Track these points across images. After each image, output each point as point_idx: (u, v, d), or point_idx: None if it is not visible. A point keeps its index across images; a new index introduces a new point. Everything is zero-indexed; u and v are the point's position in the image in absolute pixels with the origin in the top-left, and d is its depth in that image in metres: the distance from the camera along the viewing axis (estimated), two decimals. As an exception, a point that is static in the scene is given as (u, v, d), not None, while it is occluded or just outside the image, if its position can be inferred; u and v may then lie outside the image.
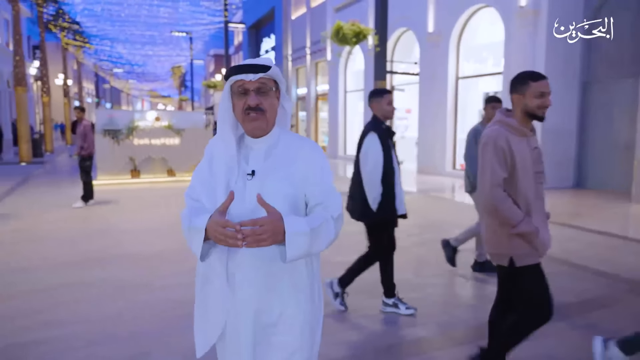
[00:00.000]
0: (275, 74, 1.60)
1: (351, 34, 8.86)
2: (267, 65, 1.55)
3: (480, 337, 3.35)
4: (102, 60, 45.38)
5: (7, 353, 3.09)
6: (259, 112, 1.57)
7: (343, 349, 3.15)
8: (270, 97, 1.59)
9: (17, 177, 12.85)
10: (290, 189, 1.58)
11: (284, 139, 1.66)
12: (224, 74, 4.97)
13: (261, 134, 1.62)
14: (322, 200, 1.61)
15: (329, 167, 1.67)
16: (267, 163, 1.61)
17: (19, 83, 16.84)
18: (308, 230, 1.46)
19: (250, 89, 1.55)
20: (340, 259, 5.28)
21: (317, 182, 1.62)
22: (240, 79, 1.57)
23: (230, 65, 23.57)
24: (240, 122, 1.61)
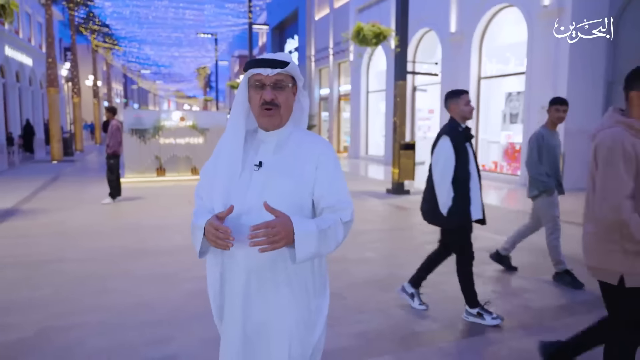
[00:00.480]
0: (293, 70, 1.60)
1: (371, 35, 8.96)
2: (286, 61, 1.56)
3: (487, 333, 3.44)
4: (131, 62, 46.50)
5: (42, 336, 3.32)
6: (274, 108, 1.58)
7: (355, 339, 3.27)
8: (286, 92, 1.60)
9: (48, 174, 13.36)
10: (294, 185, 1.57)
11: (296, 136, 1.66)
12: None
13: (273, 128, 1.63)
14: (333, 204, 1.59)
15: (341, 169, 1.66)
16: (276, 157, 1.62)
17: (52, 84, 17.45)
18: (316, 231, 1.46)
19: (267, 83, 1.57)
20: (356, 255, 5.43)
21: (328, 185, 1.59)
22: (258, 73, 1.58)
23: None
24: (256, 115, 1.62)
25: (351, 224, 1.62)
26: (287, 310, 1.58)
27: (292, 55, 30.08)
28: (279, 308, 1.57)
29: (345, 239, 1.59)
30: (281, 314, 1.57)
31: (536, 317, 3.67)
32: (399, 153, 9.65)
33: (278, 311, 1.57)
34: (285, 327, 1.58)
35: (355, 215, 1.66)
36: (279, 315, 1.57)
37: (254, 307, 1.58)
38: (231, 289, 1.60)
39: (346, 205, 1.60)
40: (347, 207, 1.60)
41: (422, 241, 6.11)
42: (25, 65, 27.75)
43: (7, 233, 6.35)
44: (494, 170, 12.75)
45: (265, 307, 1.57)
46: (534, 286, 4.39)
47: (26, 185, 11.05)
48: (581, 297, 4.10)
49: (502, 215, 7.85)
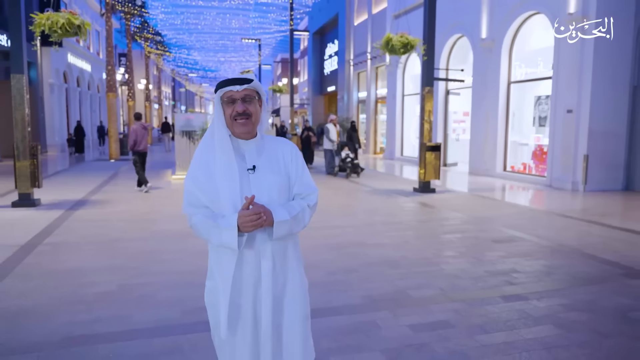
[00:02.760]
0: (258, 86, 1.91)
1: (399, 45, 9.71)
2: (250, 78, 1.88)
3: (470, 298, 4.20)
4: (180, 67, 48.80)
5: (123, 290, 4.33)
6: (246, 117, 1.87)
7: (361, 300, 4.11)
8: (254, 104, 1.90)
9: (108, 171, 14.83)
10: (281, 178, 1.94)
11: (268, 140, 2.02)
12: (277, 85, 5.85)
13: (249, 136, 1.93)
14: (301, 191, 2.00)
15: (303, 160, 2.06)
16: (262, 159, 1.95)
17: (110, 89, 19.08)
18: (289, 218, 1.85)
19: (237, 98, 1.86)
20: (374, 241, 6.27)
21: (298, 176, 1.99)
22: (229, 90, 1.87)
23: (294, 70, 24.92)
24: (229, 127, 1.90)
25: (316, 206, 2.05)
26: (297, 273, 2.01)
27: (332, 59, 30.99)
28: (292, 272, 1.99)
29: (311, 218, 2.02)
30: (294, 277, 1.99)
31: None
32: (425, 154, 10.34)
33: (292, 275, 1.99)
34: (297, 287, 1.99)
35: (379, 209, 2.42)
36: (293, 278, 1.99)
37: (277, 275, 1.93)
38: (257, 267, 1.90)
39: (312, 191, 2.02)
40: (313, 193, 2.02)
41: (438, 232, 6.85)
42: (84, 71, 29.98)
43: (82, 218, 7.55)
44: (523, 172, 13.18)
45: (284, 274, 1.96)
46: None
47: (91, 180, 12.46)
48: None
49: (534, 216, 8.43)
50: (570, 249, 5.84)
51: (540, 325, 3.60)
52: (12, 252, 5.54)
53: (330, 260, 5.29)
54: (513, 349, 3.23)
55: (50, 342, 3.31)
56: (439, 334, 3.45)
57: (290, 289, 1.97)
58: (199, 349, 3.19)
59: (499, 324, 3.63)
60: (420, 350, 3.20)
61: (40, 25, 8.07)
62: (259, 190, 1.87)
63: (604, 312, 3.86)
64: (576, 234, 6.69)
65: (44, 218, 7.47)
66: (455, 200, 9.55)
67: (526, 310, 3.88)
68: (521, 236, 6.46)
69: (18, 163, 8.34)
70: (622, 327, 3.58)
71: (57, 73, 24.36)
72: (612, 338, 3.40)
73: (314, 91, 34.81)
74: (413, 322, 3.65)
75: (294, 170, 1.98)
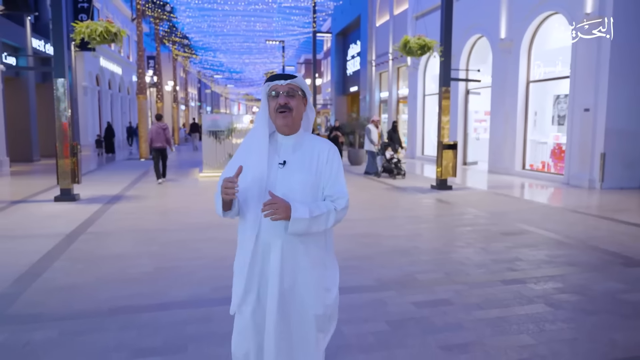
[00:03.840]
0: (301, 82, 2.00)
1: (416, 47, 10.07)
2: (295, 75, 1.99)
3: (472, 282, 4.59)
4: (206, 69, 49.98)
5: (160, 271, 4.86)
6: (288, 110, 1.96)
7: (373, 281, 4.53)
8: (297, 99, 1.98)
9: (140, 169, 15.59)
10: (311, 177, 1.98)
11: (308, 139, 2.08)
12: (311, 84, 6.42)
13: (289, 131, 2.01)
14: (332, 194, 2.02)
15: (342, 165, 2.08)
16: (295, 156, 2.01)
17: (141, 92, 19.91)
18: (308, 217, 1.87)
19: (281, 92, 1.96)
20: (388, 233, 6.69)
21: (331, 178, 2.02)
22: (274, 84, 1.98)
23: (317, 70, 25.43)
24: (273, 119, 2.00)
25: (346, 210, 2.05)
26: (309, 274, 2.03)
27: (354, 60, 31.36)
28: (303, 272, 2.02)
29: (338, 221, 2.03)
30: (305, 277, 2.02)
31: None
32: (442, 152, 10.67)
33: (303, 274, 2.02)
34: (310, 288, 2.03)
35: (397, 204, 2.74)
36: (304, 277, 2.02)
37: (285, 270, 1.99)
38: (267, 259, 1.99)
39: (342, 195, 2.03)
40: (342, 197, 2.03)
41: (450, 225, 7.22)
42: (115, 74, 31.11)
43: (119, 211, 8.17)
44: (542, 170, 13.34)
45: (294, 271, 2.00)
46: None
47: (124, 178, 13.20)
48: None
49: (546, 211, 8.70)
50: (576, 241, 6.14)
51: (532, 304, 3.97)
52: (59, 240, 6.16)
53: (346, 248, 5.72)
54: (504, 322, 3.61)
55: (99, 311, 3.84)
56: (439, 309, 3.86)
57: (300, 288, 2.01)
58: (226, 319, 3.67)
59: (495, 302, 4.01)
60: (421, 322, 3.62)
61: (80, 33, 8.74)
62: (284, 185, 1.95)
63: (594, 294, 4.19)
64: (584, 228, 6.95)
65: (84, 211, 8.12)
66: (471, 197, 9.86)
67: (522, 292, 4.24)
68: (530, 229, 6.77)
69: (60, 161, 9.03)
70: (608, 306, 3.92)
71: (90, 76, 25.44)
72: (596, 315, 3.74)
73: (337, 91, 35.24)
74: (417, 300, 4.06)
75: (327, 171, 2.02)
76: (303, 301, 2.03)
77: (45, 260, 5.22)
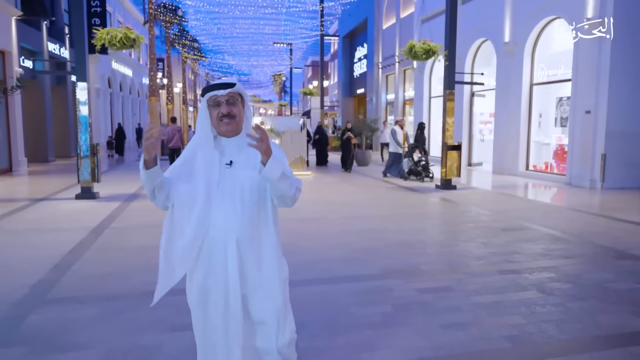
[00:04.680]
0: (240, 89, 2.05)
1: (422, 51, 10.43)
2: (233, 82, 2.03)
3: (472, 272, 4.95)
4: (214, 71, 50.61)
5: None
6: (231, 118, 2.03)
7: (380, 270, 4.91)
8: (237, 105, 2.05)
9: (153, 170, 16.05)
10: (256, 174, 2.02)
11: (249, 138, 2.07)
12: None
13: (233, 135, 2.08)
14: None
15: (285, 156, 2.11)
16: (241, 156, 2.09)
17: (153, 94, 20.40)
18: (282, 170, 1.94)
19: (222, 101, 2.02)
20: (394, 228, 7.05)
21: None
22: (214, 94, 2.02)
23: (324, 73, 25.87)
24: (215, 127, 2.05)
25: (300, 192, 2.10)
26: (273, 269, 2.15)
27: (361, 62, 31.74)
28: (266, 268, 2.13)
29: (295, 198, 2.08)
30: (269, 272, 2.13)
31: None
32: (446, 153, 11.03)
33: (266, 270, 2.13)
34: (273, 280, 2.13)
35: (402, 203, 3.02)
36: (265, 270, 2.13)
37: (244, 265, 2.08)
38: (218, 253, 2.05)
39: (295, 178, 2.09)
40: (297, 180, 2.10)
41: (453, 222, 7.58)
42: (126, 76, 31.69)
43: (138, 208, 8.58)
44: (545, 171, 13.65)
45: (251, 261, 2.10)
46: (525, 250, 5.76)
47: (138, 177, 13.60)
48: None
49: (546, 210, 9.04)
50: (572, 236, 6.48)
51: (526, 291, 4.33)
52: (86, 233, 6.58)
53: (354, 242, 6.10)
54: (499, 305, 3.98)
55: (131, 294, 4.24)
56: (440, 295, 4.23)
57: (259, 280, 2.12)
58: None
59: (492, 289, 4.37)
60: (423, 305, 3.99)
61: (101, 39, 9.19)
62: (233, 184, 2.04)
63: (585, 283, 4.54)
64: (581, 224, 7.29)
65: (105, 208, 8.55)
66: (474, 196, 10.20)
67: (517, 281, 4.60)
68: (529, 226, 7.11)
69: (81, 160, 9.47)
70: (596, 294, 4.27)
71: (102, 79, 25.98)
72: (584, 301, 4.10)
73: (344, 93, 35.64)
74: (420, 287, 4.44)
75: None
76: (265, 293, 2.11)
77: (76, 251, 5.64)
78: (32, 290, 4.34)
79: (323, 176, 14.40)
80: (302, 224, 7.16)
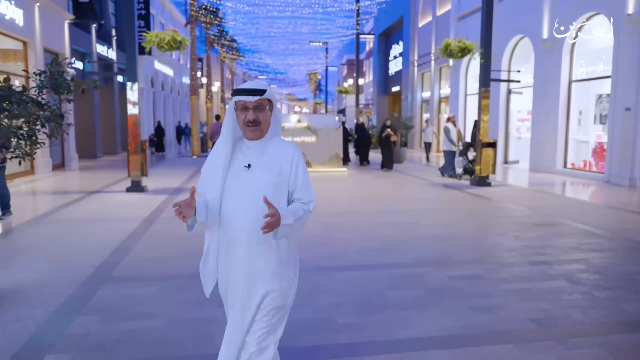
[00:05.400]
0: (270, 95, 2.08)
1: (457, 49, 10.57)
2: (263, 89, 2.05)
3: (503, 262, 5.16)
4: (251, 70, 51.65)
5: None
6: (256, 125, 2.05)
7: (410, 260, 5.19)
8: (265, 112, 2.08)
9: (194, 165, 16.74)
10: (276, 178, 2.08)
11: (274, 142, 2.16)
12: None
13: (257, 139, 2.11)
14: (301, 197, 2.15)
15: (305, 167, 2.19)
16: (261, 159, 2.11)
17: (194, 93, 21.16)
18: (293, 221, 2.00)
19: (249, 107, 2.04)
20: (427, 222, 7.27)
21: (297, 179, 2.13)
22: (242, 100, 2.04)
23: (358, 71, 26.14)
24: (242, 130, 2.10)
25: (310, 212, 2.18)
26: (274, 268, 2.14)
27: (396, 60, 31.77)
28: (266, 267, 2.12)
29: (307, 220, 2.15)
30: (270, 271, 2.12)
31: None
32: (481, 150, 11.12)
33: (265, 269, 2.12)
34: (275, 278, 2.13)
35: (436, 199, 3.25)
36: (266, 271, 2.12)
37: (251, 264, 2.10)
38: (233, 255, 2.12)
39: (312, 199, 2.18)
40: (312, 201, 2.17)
41: (486, 217, 7.75)
42: (168, 76, 32.80)
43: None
44: (583, 169, 13.50)
45: (257, 264, 2.11)
46: (557, 244, 5.91)
47: (182, 172, 14.31)
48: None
49: (581, 206, 9.08)
50: (605, 231, 6.55)
51: (554, 280, 4.53)
52: (139, 223, 7.12)
53: (388, 234, 6.39)
54: (527, 292, 4.20)
55: (184, 275, 4.68)
56: (471, 282, 4.48)
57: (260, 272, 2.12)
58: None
59: (521, 278, 4.59)
60: (455, 290, 4.25)
61: (150, 42, 9.78)
62: (251, 187, 2.05)
63: (612, 274, 4.69)
64: (616, 221, 7.33)
65: (154, 200, 9.13)
66: (508, 193, 10.28)
67: (546, 271, 4.79)
68: (563, 222, 7.21)
69: (131, 156, 10.10)
70: (622, 284, 4.42)
71: (146, 79, 27.04)
72: (610, 290, 4.27)
73: (379, 91, 35.74)
74: (452, 274, 4.70)
75: (293, 174, 2.14)
76: (264, 281, 2.13)
77: (132, 239, 6.16)
78: (97, 270, 4.84)
79: (359, 173, 14.70)
80: (338, 217, 7.50)
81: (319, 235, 6.22)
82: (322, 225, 6.81)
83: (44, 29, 14.00)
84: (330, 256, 5.33)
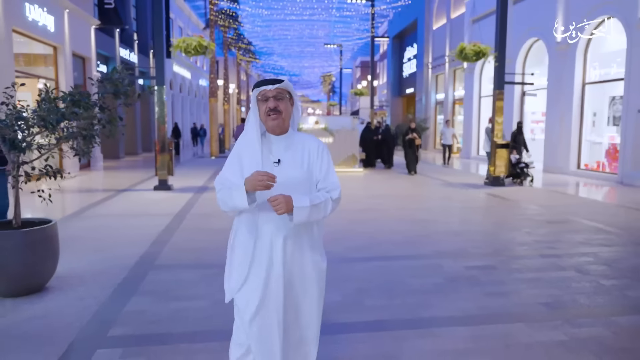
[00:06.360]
0: (289, 86, 2.13)
1: (472, 53, 10.91)
2: (282, 79, 2.12)
3: (515, 255, 5.51)
4: (267, 72, 52.25)
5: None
6: (277, 113, 2.09)
7: (428, 252, 5.56)
8: (285, 101, 2.12)
9: (214, 166, 17.25)
10: (305, 173, 2.14)
11: (298, 137, 2.21)
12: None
13: (280, 131, 2.14)
14: (325, 186, 2.18)
15: (331, 160, 2.23)
16: (288, 154, 2.15)
17: (213, 95, 21.70)
18: (308, 205, 2.01)
19: (270, 96, 2.08)
20: (443, 219, 7.62)
21: (322, 171, 2.18)
22: (263, 89, 2.10)
23: (373, 73, 26.48)
24: (263, 121, 2.13)
25: (340, 200, 2.21)
26: (311, 260, 2.20)
27: (410, 62, 32.06)
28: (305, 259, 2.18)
29: (334, 209, 2.18)
30: (307, 264, 2.18)
31: (556, 252, 5.60)
32: (495, 151, 11.43)
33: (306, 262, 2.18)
34: (313, 275, 2.20)
35: (453, 198, 3.55)
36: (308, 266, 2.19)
37: (284, 261, 2.13)
38: (266, 248, 2.13)
39: (335, 187, 2.19)
40: (336, 188, 2.19)
41: (500, 214, 8.08)
42: (185, 78, 33.46)
43: (209, 198, 9.57)
44: (596, 170, 13.71)
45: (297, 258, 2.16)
46: (568, 239, 6.23)
47: (203, 172, 14.82)
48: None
49: (592, 205, 9.36)
50: (615, 229, 6.85)
51: (564, 271, 4.87)
52: (171, 218, 7.58)
53: (407, 229, 6.76)
54: (538, 280, 4.55)
55: (221, 265, 5.08)
56: (485, 271, 4.84)
57: (304, 272, 2.18)
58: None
59: (532, 269, 4.94)
60: (470, 279, 4.62)
61: (178, 47, 10.27)
62: (280, 182, 2.05)
63: (620, 266, 5.02)
64: (627, 219, 7.61)
65: (181, 198, 9.61)
66: (522, 193, 10.58)
67: (557, 263, 5.14)
68: (574, 219, 7.51)
69: (159, 156, 10.60)
70: (628, 274, 4.75)
71: (166, 81, 27.69)
72: (617, 279, 4.60)
73: (393, 93, 36.06)
74: (467, 265, 5.06)
75: (318, 167, 2.18)
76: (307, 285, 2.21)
77: (167, 232, 6.62)
78: (141, 259, 5.30)
79: (375, 174, 15.06)
80: (361, 214, 7.89)
81: (344, 229, 6.62)
82: (346, 220, 7.21)
83: (72, 34, 14.61)
84: (354, 249, 5.72)
